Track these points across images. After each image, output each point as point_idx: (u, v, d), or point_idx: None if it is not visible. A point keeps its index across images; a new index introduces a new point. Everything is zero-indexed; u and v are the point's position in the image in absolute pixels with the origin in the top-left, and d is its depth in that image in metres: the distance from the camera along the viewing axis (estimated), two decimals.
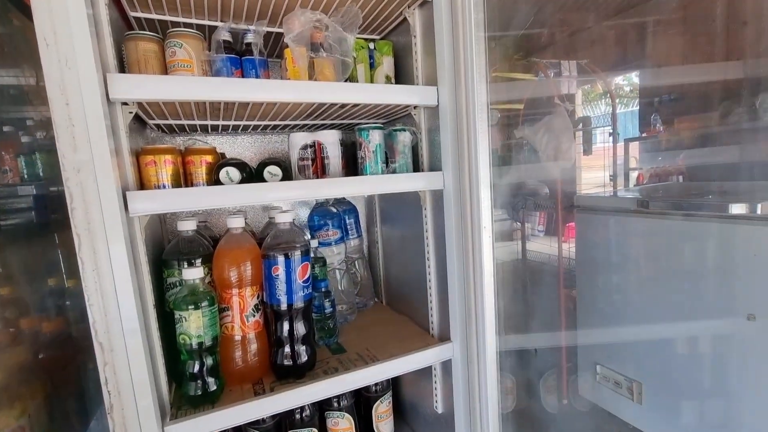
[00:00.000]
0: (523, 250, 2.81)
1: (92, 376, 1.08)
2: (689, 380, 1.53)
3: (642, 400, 1.73)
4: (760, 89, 1.94)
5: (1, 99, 1.01)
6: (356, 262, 1.36)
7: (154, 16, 0.90)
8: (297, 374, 0.93)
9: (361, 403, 1.21)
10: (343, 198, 1.36)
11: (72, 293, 1.10)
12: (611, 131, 2.38)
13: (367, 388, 1.19)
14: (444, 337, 1.07)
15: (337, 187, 0.87)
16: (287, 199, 0.84)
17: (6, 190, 0.85)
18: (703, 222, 1.43)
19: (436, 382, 1.13)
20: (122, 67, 0.83)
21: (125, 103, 0.74)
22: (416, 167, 1.07)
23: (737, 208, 1.36)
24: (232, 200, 0.77)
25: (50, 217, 0.95)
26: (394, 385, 1.32)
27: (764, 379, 1.24)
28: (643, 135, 3.01)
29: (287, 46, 0.86)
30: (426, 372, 1.14)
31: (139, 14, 0.89)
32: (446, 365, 1.07)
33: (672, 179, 2.54)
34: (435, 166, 1.02)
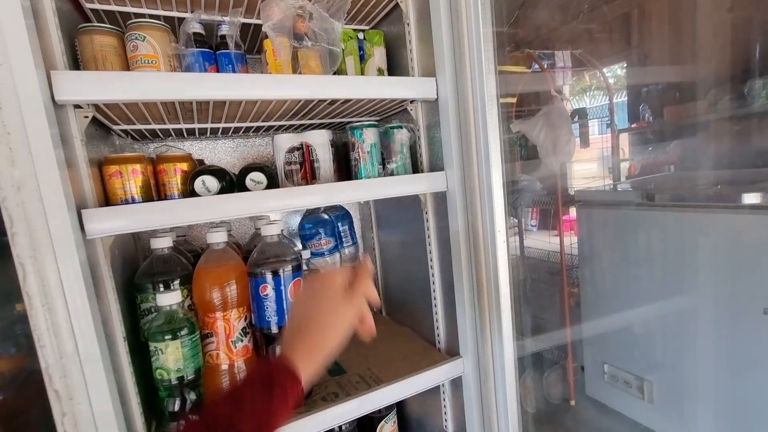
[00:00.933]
0: (521, 247, 2.75)
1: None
2: (703, 378, 1.48)
3: (653, 400, 1.67)
4: (748, 76, 1.89)
5: None
6: None
7: (113, 7, 0.79)
8: None
9: (364, 424, 1.11)
10: None
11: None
12: (608, 122, 2.32)
13: None
14: (452, 351, 0.98)
15: (330, 194, 0.78)
16: (274, 210, 0.74)
17: None
18: (714, 213, 1.36)
19: (444, 400, 1.04)
20: (77, 66, 0.72)
21: (79, 106, 0.63)
22: (415, 167, 0.97)
23: (751, 198, 1.30)
24: (209, 214, 0.67)
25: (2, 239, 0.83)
26: (399, 403, 1.22)
27: None
28: (633, 126, 2.96)
29: (267, 37, 0.76)
30: (433, 389, 1.05)
31: (96, 6, 0.78)
32: (456, 382, 0.98)
33: (665, 170, 2.50)
34: (436, 165, 0.93)
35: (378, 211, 1.30)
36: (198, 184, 0.73)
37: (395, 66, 1.01)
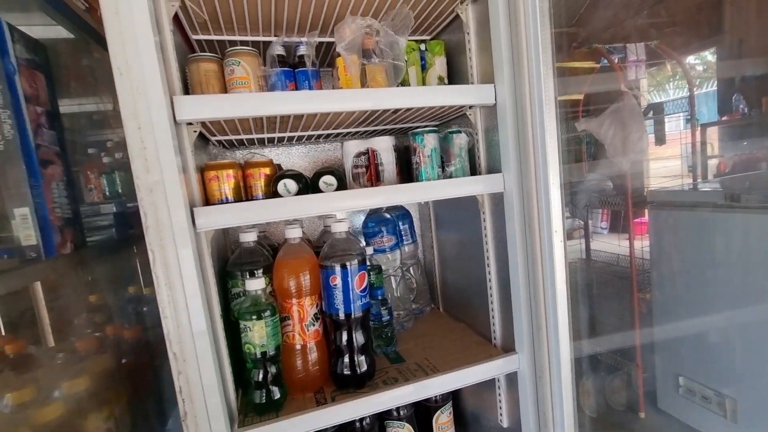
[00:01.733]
0: (587, 250, 2.62)
1: (168, 379, 1.16)
2: None
3: (737, 418, 1.53)
4: None
5: (87, 124, 1.11)
6: (411, 268, 1.34)
7: (213, 37, 0.94)
8: (357, 384, 0.92)
9: (421, 412, 1.18)
10: None
11: (148, 300, 1.18)
12: (688, 117, 2.14)
13: (426, 398, 1.16)
14: (508, 348, 1.01)
15: (393, 195, 0.85)
16: (344, 209, 0.83)
17: (91, 209, 0.93)
18: None
19: (500, 395, 1.07)
20: (186, 88, 0.87)
21: (190, 123, 0.77)
22: (473, 169, 1.02)
23: None
24: (291, 212, 0.78)
25: (129, 232, 1.02)
26: (455, 395, 1.27)
27: None
28: (724, 119, 2.67)
29: (339, 55, 0.86)
30: (489, 382, 1.09)
31: (200, 36, 0.93)
32: (511, 377, 1.01)
33: (762, 167, 2.23)
34: (493, 168, 0.97)
35: (437, 211, 1.36)
36: (281, 186, 0.85)
37: (455, 72, 1.06)
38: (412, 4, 0.92)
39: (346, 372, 0.92)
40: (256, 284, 0.85)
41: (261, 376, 0.85)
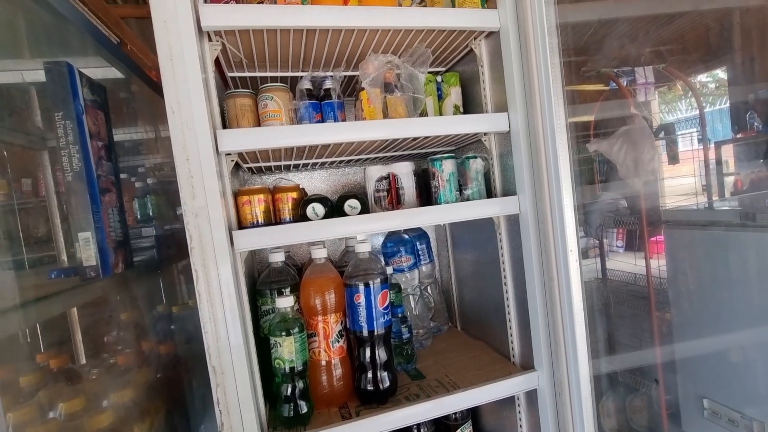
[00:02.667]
0: (602, 269, 2.61)
1: (196, 393, 1.20)
2: None
3: None
4: None
5: (122, 151, 1.20)
6: (429, 287, 1.38)
7: (247, 74, 1.03)
8: (380, 399, 0.95)
9: (441, 430, 1.19)
10: None
11: (178, 318, 1.24)
12: (700, 137, 2.17)
13: (446, 416, 1.18)
14: (527, 365, 1.04)
15: (414, 218, 0.91)
16: (368, 231, 0.89)
17: (135, 231, 1.00)
18: None
19: (520, 413, 1.09)
20: (223, 121, 0.95)
21: (228, 153, 0.85)
22: (489, 192, 1.07)
23: None
24: (320, 234, 0.84)
25: (167, 252, 1.09)
26: (474, 413, 1.28)
27: None
28: (738, 136, 2.67)
29: (363, 89, 0.93)
30: (508, 401, 1.10)
31: (236, 74, 1.02)
32: (531, 395, 1.03)
33: None
34: (508, 191, 1.02)
35: (453, 232, 1.40)
36: (309, 210, 0.91)
37: (470, 101, 1.13)
38: (429, 41, 1.00)
39: (370, 387, 0.95)
40: (285, 302, 0.90)
41: (289, 390, 0.89)
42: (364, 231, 0.88)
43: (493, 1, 0.96)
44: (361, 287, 0.94)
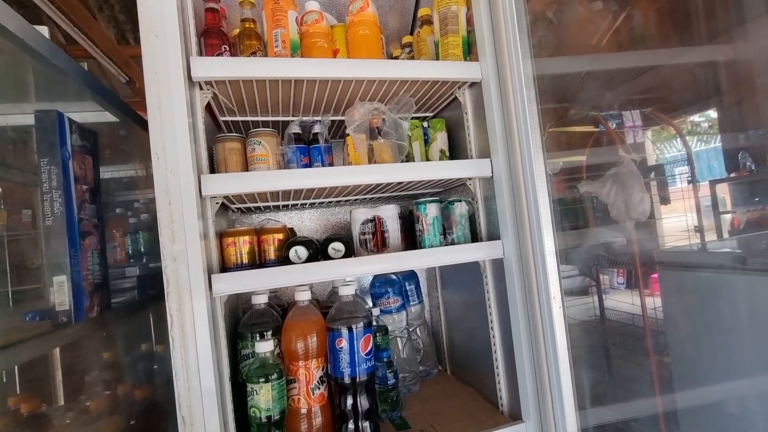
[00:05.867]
0: (600, 308, 2.57)
1: None
2: None
3: None
4: None
5: (115, 186, 1.22)
6: (418, 329, 1.35)
7: (238, 118, 1.06)
8: None
9: None
10: None
11: (159, 358, 1.21)
12: (689, 179, 2.20)
13: None
14: (515, 415, 1.00)
15: (397, 262, 0.91)
16: (350, 275, 0.88)
17: (116, 272, 1.00)
18: None
19: None
20: (212, 162, 0.97)
21: (213, 197, 0.86)
22: (474, 235, 1.07)
23: None
24: (300, 278, 0.83)
25: (148, 293, 1.08)
26: None
27: None
28: (732, 175, 2.71)
29: (348, 135, 0.96)
30: None
31: (227, 118, 1.05)
32: None
33: None
34: (493, 234, 1.02)
35: (443, 273, 1.39)
36: (292, 253, 0.91)
37: (456, 146, 1.15)
38: (414, 90, 1.03)
39: None
40: (264, 346, 0.88)
41: None
42: (346, 274, 0.87)
43: (475, 54, 1.00)
44: (344, 331, 0.93)
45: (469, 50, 1.03)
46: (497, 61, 0.94)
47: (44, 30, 0.87)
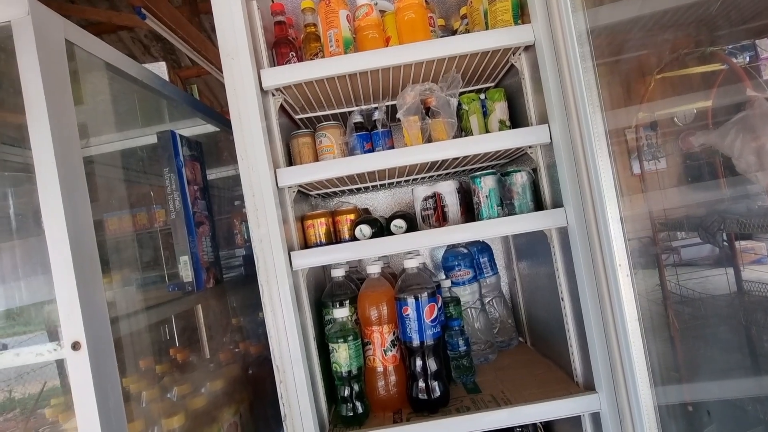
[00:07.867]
0: (737, 281, 2.19)
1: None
2: None
3: None
4: None
5: (232, 183, 1.47)
6: (493, 300, 1.37)
7: (309, 114, 1.20)
8: (431, 408, 1.00)
9: None
10: None
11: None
12: None
13: (511, 429, 1.15)
14: (589, 386, 0.98)
15: (452, 235, 0.95)
16: (410, 248, 0.96)
17: (228, 252, 1.24)
18: None
19: None
20: (290, 156, 1.13)
21: (290, 186, 1.01)
22: (539, 205, 1.05)
23: None
24: (363, 253, 0.95)
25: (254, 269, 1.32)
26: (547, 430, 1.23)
27: None
28: None
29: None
30: (575, 424, 1.04)
31: (301, 115, 1.20)
32: (596, 418, 0.96)
33: None
34: (558, 203, 0.98)
35: (517, 245, 1.37)
36: (357, 231, 1.02)
37: (517, 114, 1.12)
38: (466, 64, 1.04)
39: (421, 396, 1.01)
40: (341, 312, 1.02)
41: (346, 392, 1.00)
42: (403, 249, 0.95)
43: (528, 15, 0.96)
44: (410, 300, 1.01)
45: (522, 12, 0.99)
46: (549, 20, 0.89)
47: (162, 65, 1.11)
